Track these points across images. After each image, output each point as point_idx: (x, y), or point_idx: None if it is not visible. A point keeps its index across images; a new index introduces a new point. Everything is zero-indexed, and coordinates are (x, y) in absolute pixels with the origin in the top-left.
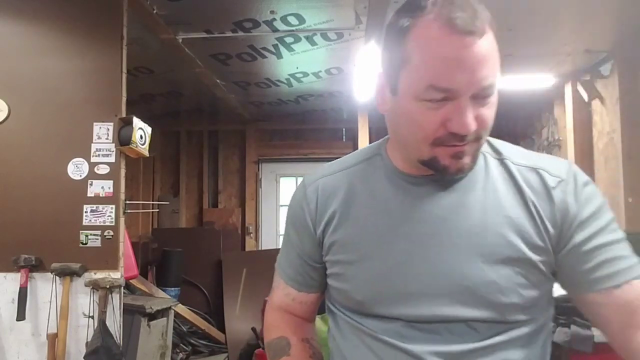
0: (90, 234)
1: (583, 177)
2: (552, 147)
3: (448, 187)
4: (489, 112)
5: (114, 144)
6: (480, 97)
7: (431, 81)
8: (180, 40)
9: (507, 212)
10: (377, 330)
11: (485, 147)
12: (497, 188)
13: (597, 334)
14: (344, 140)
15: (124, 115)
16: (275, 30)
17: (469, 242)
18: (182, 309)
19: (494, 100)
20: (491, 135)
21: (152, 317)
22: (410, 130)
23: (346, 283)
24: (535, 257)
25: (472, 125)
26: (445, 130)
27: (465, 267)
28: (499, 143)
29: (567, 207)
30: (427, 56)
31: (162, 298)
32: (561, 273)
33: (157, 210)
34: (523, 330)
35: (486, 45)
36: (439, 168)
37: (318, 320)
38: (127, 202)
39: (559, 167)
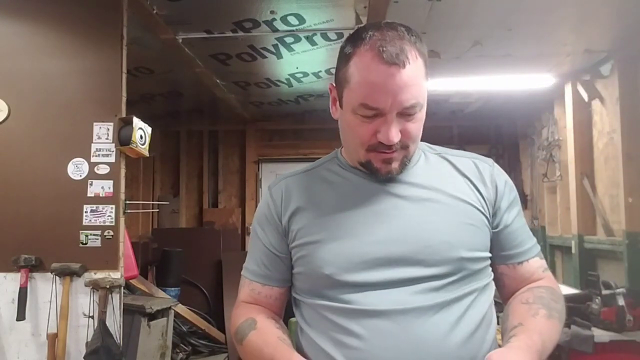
0: (90, 234)
1: (501, 169)
2: (552, 147)
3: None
4: (415, 126)
5: (114, 144)
6: (405, 114)
7: (363, 100)
8: (180, 40)
9: (450, 188)
10: (345, 301)
11: (424, 148)
12: (439, 171)
13: (597, 334)
14: None
15: (124, 115)
16: (275, 30)
17: (420, 212)
18: (182, 309)
19: (419, 116)
20: (492, 134)
21: (152, 317)
22: (351, 137)
23: (314, 262)
24: (478, 223)
25: (396, 137)
26: (376, 139)
27: (421, 232)
28: (435, 146)
29: (497, 187)
30: (361, 80)
31: (162, 298)
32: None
33: (157, 210)
34: (477, 285)
35: (409, 73)
36: (373, 169)
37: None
38: (127, 202)
39: (485, 158)
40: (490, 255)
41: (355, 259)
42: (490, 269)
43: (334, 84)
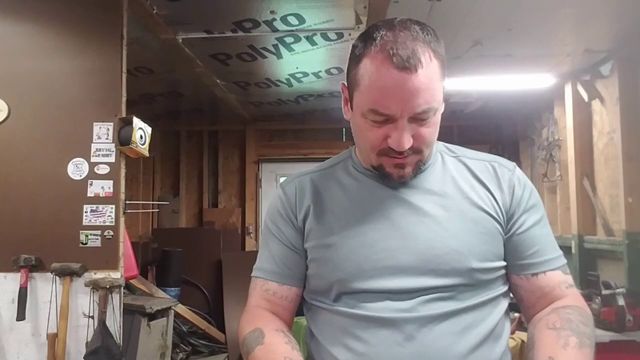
0: (90, 234)
1: (524, 175)
2: (552, 147)
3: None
4: (429, 131)
5: (114, 144)
6: (418, 119)
7: (372, 106)
8: (180, 40)
9: (464, 196)
10: (353, 307)
11: (442, 149)
12: (455, 176)
13: (597, 334)
14: (344, 140)
15: (124, 115)
16: (275, 30)
17: (432, 220)
18: (182, 309)
19: (434, 120)
20: (492, 134)
21: (152, 317)
22: (361, 140)
23: (325, 266)
24: (492, 231)
25: (407, 143)
26: (387, 144)
27: (432, 241)
28: (455, 147)
29: (514, 192)
30: (370, 85)
31: (162, 298)
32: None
33: (157, 210)
34: (487, 296)
35: (422, 78)
36: (385, 174)
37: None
38: (127, 202)
39: (507, 162)
40: (504, 264)
41: (365, 265)
42: (505, 279)
43: (346, 84)
